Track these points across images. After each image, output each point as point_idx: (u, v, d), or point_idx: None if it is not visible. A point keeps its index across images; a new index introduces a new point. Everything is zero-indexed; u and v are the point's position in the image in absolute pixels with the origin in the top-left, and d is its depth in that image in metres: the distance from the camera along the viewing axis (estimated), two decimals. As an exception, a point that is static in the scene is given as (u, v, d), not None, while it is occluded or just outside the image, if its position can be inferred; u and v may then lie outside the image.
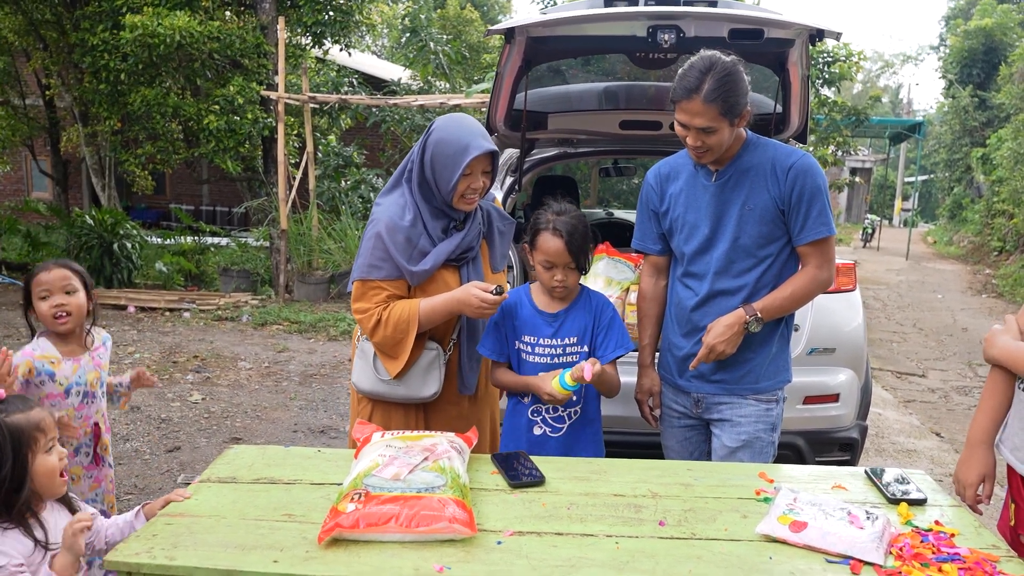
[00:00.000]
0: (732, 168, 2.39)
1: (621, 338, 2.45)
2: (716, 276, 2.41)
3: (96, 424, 2.57)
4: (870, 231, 24.10)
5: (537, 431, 2.46)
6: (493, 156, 2.34)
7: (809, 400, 3.25)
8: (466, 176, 2.30)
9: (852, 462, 3.39)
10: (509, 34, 3.12)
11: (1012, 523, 1.95)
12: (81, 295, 2.49)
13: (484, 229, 2.49)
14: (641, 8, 3.00)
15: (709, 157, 2.34)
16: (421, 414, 2.45)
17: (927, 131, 24.28)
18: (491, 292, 2.25)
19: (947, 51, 26.17)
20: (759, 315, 2.34)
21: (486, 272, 2.47)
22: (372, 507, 1.67)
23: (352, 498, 1.71)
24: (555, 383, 2.27)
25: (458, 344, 2.45)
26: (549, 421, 2.46)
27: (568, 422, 2.46)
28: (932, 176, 31.08)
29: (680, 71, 2.29)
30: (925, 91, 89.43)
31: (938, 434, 5.54)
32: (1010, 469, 1.98)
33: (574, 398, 2.40)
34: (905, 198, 31.00)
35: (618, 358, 2.46)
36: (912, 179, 30.80)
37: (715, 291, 2.42)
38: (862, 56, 13.62)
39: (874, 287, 13.54)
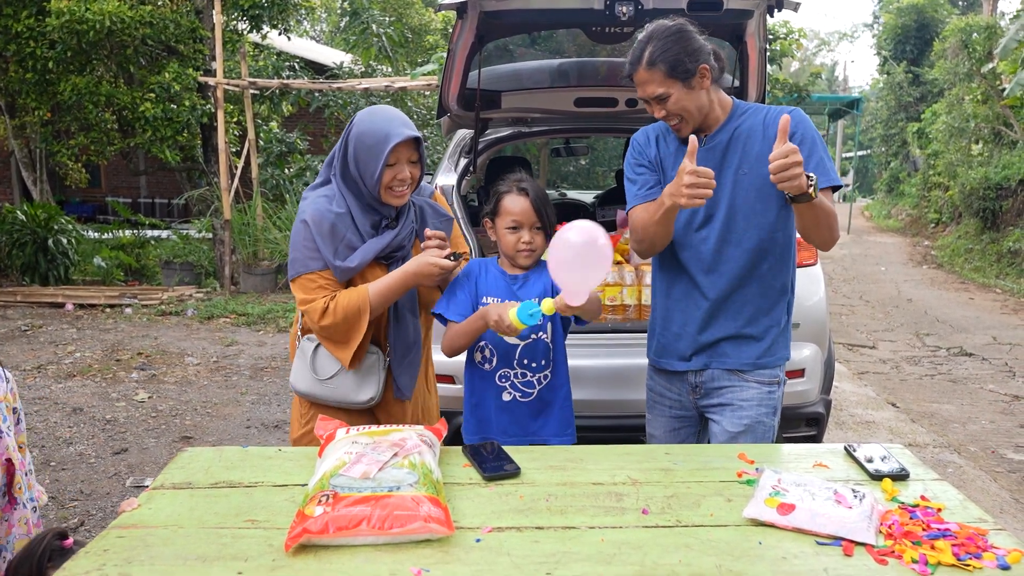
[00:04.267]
0: (721, 135, 2.28)
1: None
2: (727, 223, 2.29)
3: (8, 460, 2.23)
4: (812, 206, 24.41)
5: (506, 397, 2.39)
6: (417, 143, 2.24)
7: (775, 376, 3.22)
8: (390, 166, 2.20)
9: (818, 437, 3.40)
10: (461, 9, 3.00)
11: None
12: None
13: (416, 227, 2.38)
14: None
15: (686, 128, 2.24)
16: (365, 419, 2.37)
17: (863, 107, 24.73)
18: (448, 258, 2.16)
19: (881, 28, 26.70)
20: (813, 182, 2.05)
21: None
22: (341, 509, 1.56)
23: (319, 500, 1.60)
24: (513, 314, 2.11)
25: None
26: (518, 386, 2.38)
27: (538, 387, 2.39)
28: (869, 151, 31.73)
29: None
30: (860, 68, 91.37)
31: (894, 404, 5.61)
32: None
33: (525, 331, 2.23)
34: (843, 173, 31.55)
35: None
36: (850, 155, 31.39)
37: (728, 234, 2.30)
38: (802, 33, 13.79)
39: (820, 261, 13.74)
